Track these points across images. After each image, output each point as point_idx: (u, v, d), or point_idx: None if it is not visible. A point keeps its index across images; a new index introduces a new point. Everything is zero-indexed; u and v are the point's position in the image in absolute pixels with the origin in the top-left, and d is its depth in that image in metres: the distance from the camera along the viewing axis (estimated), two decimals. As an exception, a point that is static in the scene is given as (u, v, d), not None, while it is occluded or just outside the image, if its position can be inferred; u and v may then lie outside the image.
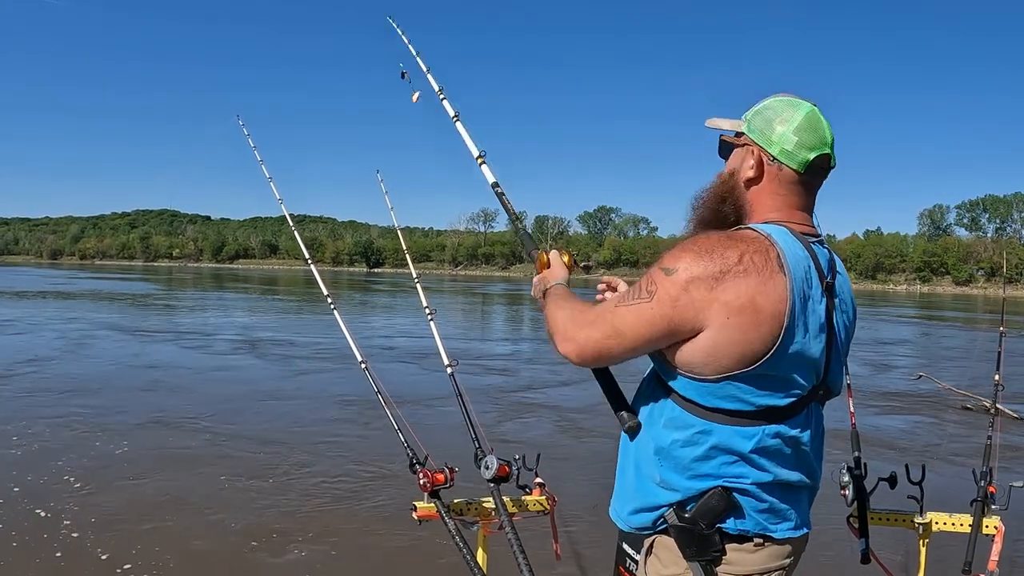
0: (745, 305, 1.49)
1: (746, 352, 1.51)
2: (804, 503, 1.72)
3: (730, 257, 1.51)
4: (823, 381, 1.66)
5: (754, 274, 1.50)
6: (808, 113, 1.67)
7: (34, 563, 4.47)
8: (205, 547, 4.83)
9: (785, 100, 1.70)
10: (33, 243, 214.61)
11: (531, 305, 40.83)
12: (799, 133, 1.65)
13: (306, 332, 19.20)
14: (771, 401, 1.58)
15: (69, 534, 4.91)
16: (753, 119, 1.71)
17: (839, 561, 4.57)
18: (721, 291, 1.50)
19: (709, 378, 1.56)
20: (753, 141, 1.70)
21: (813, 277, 1.60)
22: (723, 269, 1.50)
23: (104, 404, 9.19)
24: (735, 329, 1.50)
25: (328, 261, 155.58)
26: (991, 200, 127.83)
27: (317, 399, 10.07)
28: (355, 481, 6.37)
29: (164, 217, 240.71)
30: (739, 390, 1.56)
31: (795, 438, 1.63)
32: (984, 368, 14.52)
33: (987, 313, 44.63)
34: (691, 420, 1.60)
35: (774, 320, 1.50)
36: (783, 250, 1.55)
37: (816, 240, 1.68)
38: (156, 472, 6.39)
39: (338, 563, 4.71)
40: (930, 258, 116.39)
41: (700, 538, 1.60)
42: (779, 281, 1.51)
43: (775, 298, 1.50)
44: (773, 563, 1.66)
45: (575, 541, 5.02)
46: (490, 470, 2.60)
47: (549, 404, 10.32)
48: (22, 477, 6.11)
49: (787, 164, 1.66)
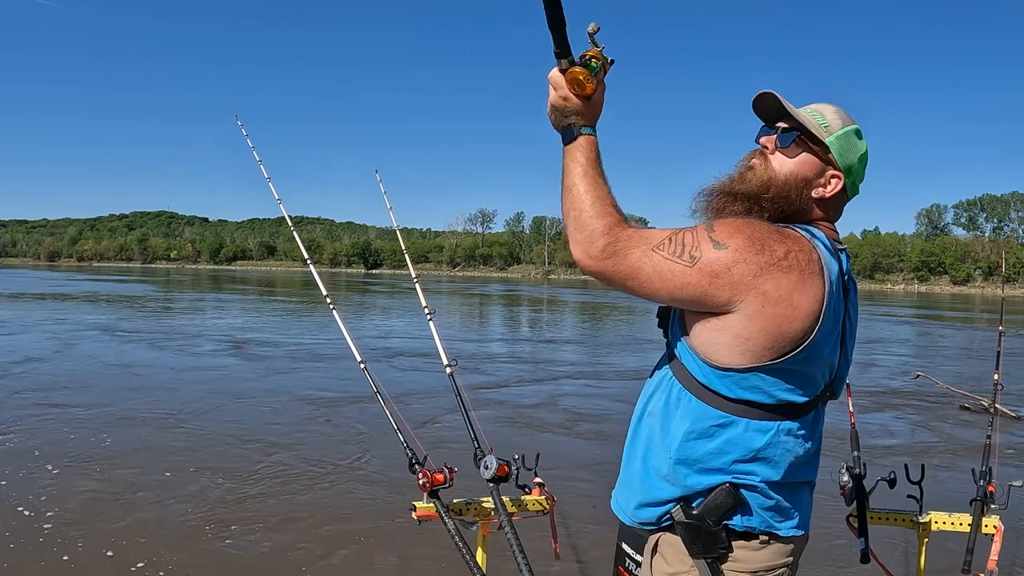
0: (782, 298, 1.51)
1: (775, 344, 1.53)
2: (807, 502, 1.73)
3: (778, 251, 1.52)
4: (831, 382, 1.68)
5: (796, 272, 1.52)
6: (866, 149, 1.76)
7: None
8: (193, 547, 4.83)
9: (856, 129, 1.73)
10: (31, 245, 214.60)
11: (529, 305, 40.88)
12: (862, 168, 1.75)
13: (305, 333, 19.21)
14: (791, 397, 1.59)
15: (43, 528, 4.91)
16: (838, 143, 1.70)
17: (839, 560, 4.57)
18: (762, 280, 1.50)
19: (736, 367, 1.56)
20: (834, 164, 1.70)
21: (839, 284, 1.62)
22: (769, 261, 1.51)
23: (86, 402, 9.18)
24: (769, 319, 1.52)
25: (326, 262, 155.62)
26: (988, 199, 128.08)
27: (320, 399, 10.05)
28: (354, 481, 6.36)
29: (162, 219, 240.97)
30: (763, 382, 1.56)
31: (804, 437, 1.65)
32: (981, 367, 14.60)
33: (984, 312, 44.71)
34: (710, 412, 1.60)
35: (808, 319, 1.53)
36: (824, 255, 1.59)
37: (842, 248, 1.72)
38: (150, 467, 6.40)
39: (338, 564, 4.71)
40: (928, 258, 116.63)
41: (707, 535, 1.60)
42: (816, 284, 1.54)
43: (811, 298, 1.53)
44: (778, 560, 1.67)
45: (575, 541, 5.02)
46: (489, 470, 2.60)
47: (548, 404, 10.31)
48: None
49: (846, 187, 1.73)
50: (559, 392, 11.33)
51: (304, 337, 18.29)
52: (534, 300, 46.66)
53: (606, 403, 10.39)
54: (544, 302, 44.35)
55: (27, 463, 6.57)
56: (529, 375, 13.09)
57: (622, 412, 8.83)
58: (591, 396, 11.02)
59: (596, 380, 12.66)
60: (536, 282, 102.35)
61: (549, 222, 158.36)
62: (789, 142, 1.70)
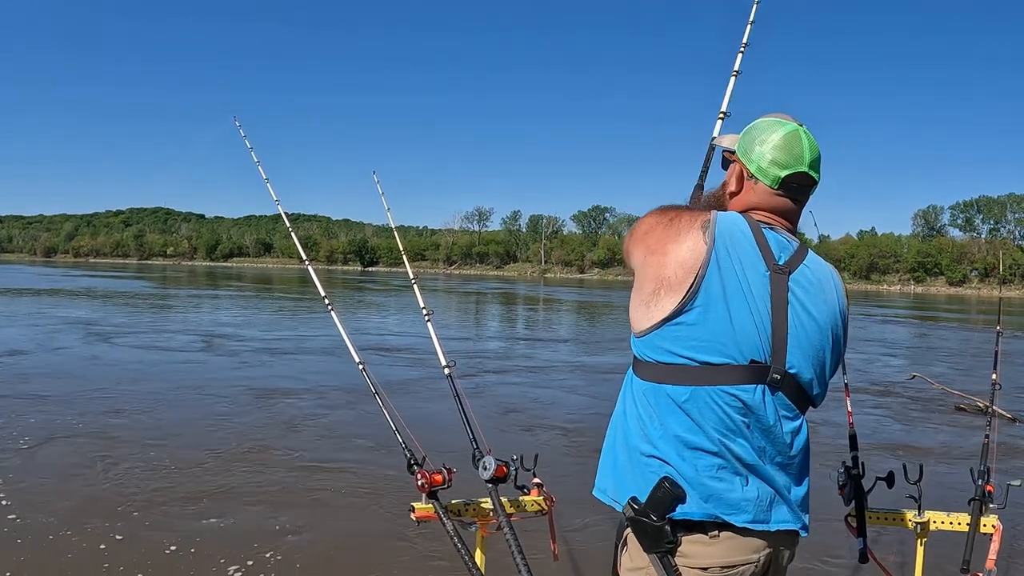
0: (658, 248, 1.74)
1: (659, 289, 1.71)
2: (769, 496, 1.70)
3: (669, 214, 1.79)
4: (771, 361, 1.68)
5: (674, 228, 1.74)
6: (787, 134, 1.82)
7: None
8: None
9: (772, 120, 1.86)
10: (27, 241, 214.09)
11: (526, 304, 40.81)
12: (774, 152, 1.81)
13: (303, 331, 19.20)
14: (699, 356, 1.66)
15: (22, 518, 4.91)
16: (742, 139, 1.89)
17: (838, 560, 4.58)
18: (650, 237, 1.78)
19: (645, 329, 1.73)
20: (738, 158, 1.88)
21: (748, 248, 1.72)
22: (659, 220, 1.79)
23: (65, 391, 9.16)
24: (650, 267, 1.74)
25: (322, 260, 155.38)
26: (985, 201, 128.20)
27: (319, 399, 10.04)
28: (353, 481, 6.35)
29: (158, 215, 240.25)
30: (665, 340, 1.69)
31: (738, 410, 1.66)
32: (977, 368, 14.63)
33: (980, 313, 44.79)
34: (639, 383, 1.76)
35: (680, 266, 1.69)
36: (714, 218, 1.74)
37: (770, 227, 1.80)
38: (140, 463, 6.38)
39: (337, 564, 4.70)
40: (924, 258, 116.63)
41: (652, 530, 1.62)
42: (694, 236, 1.71)
43: (685, 247, 1.70)
44: (737, 557, 1.66)
45: (573, 541, 5.02)
46: (488, 470, 2.59)
47: (548, 404, 10.31)
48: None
49: (761, 180, 1.83)
50: (558, 392, 11.33)
51: (303, 336, 18.27)
52: (531, 299, 46.63)
53: (605, 403, 10.34)
54: (541, 301, 44.34)
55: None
56: (528, 375, 13.08)
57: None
58: (590, 396, 11.02)
59: (595, 380, 12.66)
60: (532, 281, 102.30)
61: (545, 220, 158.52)
62: (725, 164, 1.98)
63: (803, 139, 1.81)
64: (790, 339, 1.70)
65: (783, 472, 1.72)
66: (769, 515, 1.69)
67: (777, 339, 1.68)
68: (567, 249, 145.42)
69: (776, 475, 1.71)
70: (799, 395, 1.74)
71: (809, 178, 1.82)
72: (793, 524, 1.73)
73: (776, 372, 1.68)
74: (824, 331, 1.76)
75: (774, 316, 1.69)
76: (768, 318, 1.68)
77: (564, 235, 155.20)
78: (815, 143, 1.84)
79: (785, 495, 1.73)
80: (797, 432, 1.73)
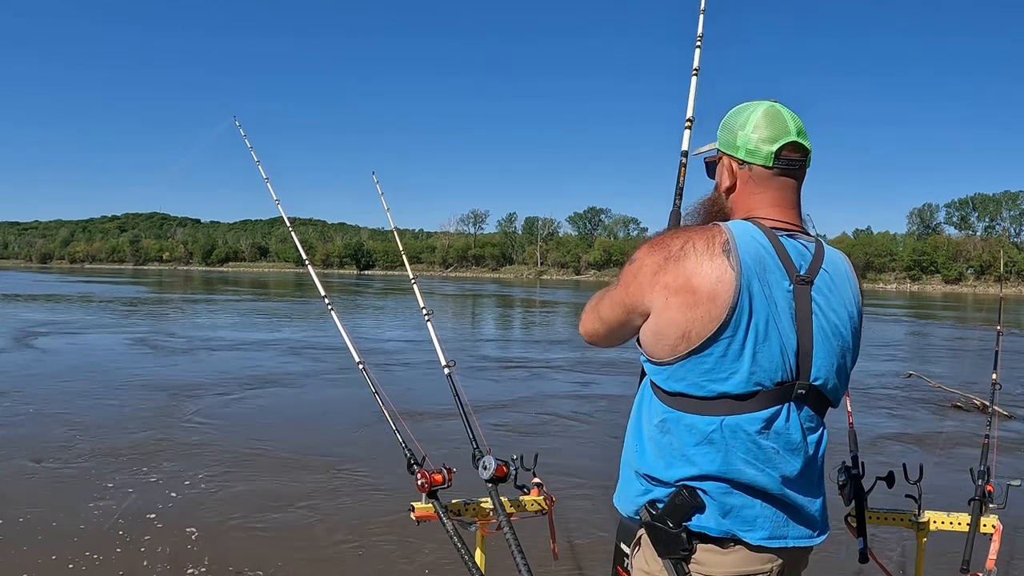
0: (682, 286, 1.59)
1: (689, 332, 1.59)
2: (789, 512, 1.67)
3: (674, 245, 1.63)
4: (797, 377, 1.63)
5: (692, 257, 1.60)
6: (765, 110, 1.76)
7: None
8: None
9: (741, 106, 1.81)
10: (22, 247, 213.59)
11: (522, 305, 40.85)
12: (757, 130, 1.74)
13: (301, 330, 19.18)
14: (726, 388, 1.60)
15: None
16: (720, 134, 1.82)
17: (838, 560, 4.57)
18: (662, 275, 1.62)
19: (666, 360, 1.64)
20: (723, 153, 1.81)
21: (772, 265, 1.63)
22: (666, 256, 1.63)
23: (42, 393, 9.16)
24: (675, 309, 1.60)
25: (318, 263, 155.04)
26: (980, 199, 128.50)
27: (318, 398, 10.03)
28: (353, 481, 6.35)
29: (154, 220, 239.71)
30: (691, 372, 1.61)
31: (762, 435, 1.61)
32: (975, 367, 14.64)
33: (977, 312, 44.85)
34: (658, 407, 1.69)
35: (712, 301, 1.57)
36: (732, 237, 1.62)
37: (788, 233, 1.71)
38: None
39: (337, 564, 4.69)
40: (920, 257, 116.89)
41: (668, 536, 1.62)
42: (719, 263, 1.58)
43: (712, 279, 1.57)
44: (748, 568, 1.64)
45: (573, 541, 5.01)
46: (488, 470, 2.59)
47: (548, 404, 10.30)
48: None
49: (754, 163, 1.74)
50: (557, 392, 11.32)
51: (303, 336, 18.25)
52: (528, 301, 46.65)
53: (605, 403, 10.39)
54: (537, 303, 44.35)
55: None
56: (527, 375, 13.09)
57: (621, 412, 8.83)
58: (590, 396, 11.01)
59: (595, 380, 12.66)
60: (529, 283, 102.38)
61: (541, 223, 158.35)
62: (710, 171, 1.89)
63: (782, 111, 1.75)
64: (815, 350, 1.65)
65: (804, 487, 1.68)
66: (787, 531, 1.66)
67: (803, 353, 1.63)
68: (563, 251, 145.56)
69: (797, 494, 1.67)
70: (822, 403, 1.70)
71: (801, 147, 1.74)
72: (810, 541, 1.70)
73: (801, 387, 1.64)
74: (845, 333, 1.72)
75: (799, 331, 1.63)
76: (793, 335, 1.63)
77: (560, 237, 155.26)
78: (794, 113, 1.78)
79: (806, 512, 1.69)
80: (819, 441, 1.70)
